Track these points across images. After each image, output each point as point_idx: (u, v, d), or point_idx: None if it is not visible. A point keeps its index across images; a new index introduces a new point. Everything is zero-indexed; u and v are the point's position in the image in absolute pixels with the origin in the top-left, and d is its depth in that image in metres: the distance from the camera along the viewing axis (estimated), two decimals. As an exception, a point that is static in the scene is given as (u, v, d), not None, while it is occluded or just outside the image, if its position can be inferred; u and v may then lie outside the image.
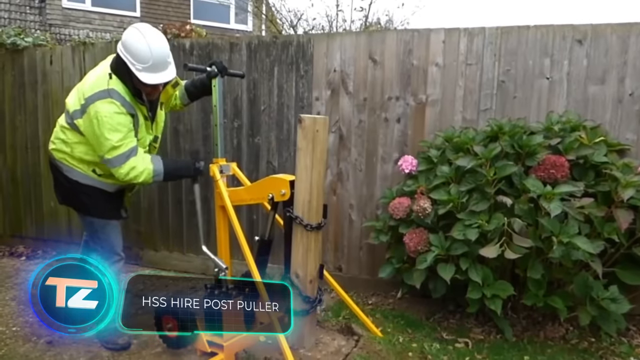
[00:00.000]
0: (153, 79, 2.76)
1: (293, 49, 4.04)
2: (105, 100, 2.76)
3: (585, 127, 3.23)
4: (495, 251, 2.81)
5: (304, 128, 2.61)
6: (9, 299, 3.90)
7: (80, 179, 3.02)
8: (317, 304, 2.77)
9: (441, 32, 3.67)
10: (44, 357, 3.01)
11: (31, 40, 4.96)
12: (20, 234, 5.21)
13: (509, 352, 3.02)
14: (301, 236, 2.71)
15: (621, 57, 3.34)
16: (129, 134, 2.80)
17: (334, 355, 2.69)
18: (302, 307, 2.74)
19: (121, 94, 2.80)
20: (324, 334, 2.96)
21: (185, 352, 3.02)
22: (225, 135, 4.21)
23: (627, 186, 2.81)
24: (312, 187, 2.66)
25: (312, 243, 2.72)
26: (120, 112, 2.76)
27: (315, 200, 2.68)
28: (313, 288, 2.76)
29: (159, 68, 2.77)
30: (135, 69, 2.73)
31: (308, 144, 2.62)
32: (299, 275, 2.74)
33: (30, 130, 4.97)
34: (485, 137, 3.33)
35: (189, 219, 4.48)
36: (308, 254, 2.71)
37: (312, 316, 2.81)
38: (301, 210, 2.68)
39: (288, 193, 2.71)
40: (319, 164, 2.66)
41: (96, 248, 3.15)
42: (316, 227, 2.69)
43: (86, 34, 10.30)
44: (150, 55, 2.71)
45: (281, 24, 12.32)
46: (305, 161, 2.64)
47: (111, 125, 2.73)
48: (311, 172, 2.64)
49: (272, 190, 2.79)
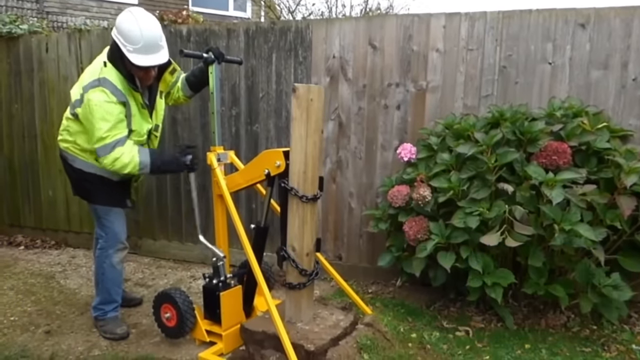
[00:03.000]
0: (144, 60, 2.77)
1: (291, 35, 3.98)
2: (97, 88, 2.79)
3: (587, 113, 3.19)
4: (496, 239, 2.78)
5: (298, 97, 2.56)
6: (7, 289, 3.88)
7: (84, 167, 3.06)
8: (313, 277, 2.75)
9: (442, 17, 3.61)
10: (42, 346, 3.00)
11: (27, 28, 4.91)
12: (18, 223, 5.19)
13: (509, 341, 3.01)
14: (297, 208, 2.66)
15: (625, 42, 3.28)
16: (118, 124, 2.81)
17: (332, 329, 2.68)
18: (298, 280, 2.72)
19: (112, 82, 2.81)
20: (323, 309, 2.95)
21: (184, 342, 3.01)
22: (223, 123, 4.17)
23: (630, 173, 2.78)
24: (307, 158, 2.61)
25: (308, 215, 2.67)
26: (109, 100, 2.78)
27: (310, 171, 2.63)
28: (310, 261, 2.74)
29: (150, 50, 2.78)
30: (126, 50, 2.75)
31: (302, 113, 2.57)
32: (295, 248, 2.71)
33: (27, 119, 4.93)
34: (486, 123, 3.29)
35: (187, 207, 4.45)
36: (304, 226, 2.67)
37: (309, 289, 2.80)
38: (296, 181, 2.63)
39: (283, 164, 2.66)
40: (314, 134, 2.61)
41: (100, 235, 3.17)
42: (312, 198, 2.64)
43: (83, 22, 10.18)
44: (141, 36, 2.73)
45: (280, 10, 12.20)
46: (299, 131, 2.58)
47: (100, 113, 2.76)
48: (306, 142, 2.59)
49: (267, 165, 2.73)
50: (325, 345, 2.54)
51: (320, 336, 2.61)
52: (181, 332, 2.92)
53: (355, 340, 2.69)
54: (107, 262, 3.13)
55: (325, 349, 2.53)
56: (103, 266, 3.14)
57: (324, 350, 2.52)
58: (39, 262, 4.57)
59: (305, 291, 2.77)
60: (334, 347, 2.57)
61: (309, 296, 2.82)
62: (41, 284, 4.02)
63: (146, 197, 4.58)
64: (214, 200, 3.07)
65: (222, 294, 2.85)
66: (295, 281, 2.72)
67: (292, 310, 2.79)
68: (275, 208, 3.00)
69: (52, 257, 4.72)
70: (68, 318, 3.40)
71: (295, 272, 2.71)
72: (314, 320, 2.81)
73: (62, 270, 4.36)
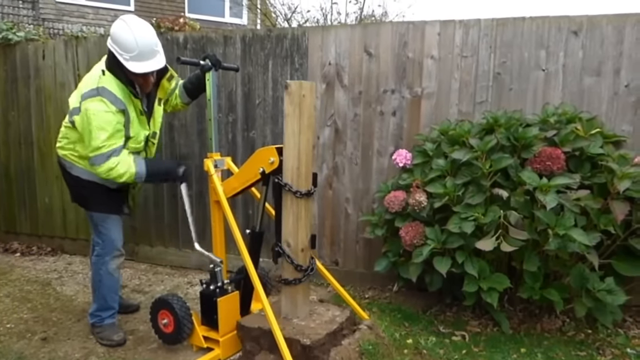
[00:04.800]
0: (141, 67, 2.79)
1: (288, 42, 4.01)
2: (95, 98, 2.80)
3: (581, 119, 3.22)
4: (491, 244, 2.80)
5: (290, 93, 2.59)
6: (3, 296, 3.87)
7: (81, 174, 3.07)
8: (309, 272, 2.77)
9: (436, 24, 3.65)
10: (39, 353, 3.00)
11: (23, 35, 4.91)
12: (14, 230, 5.18)
13: (505, 345, 3.03)
14: (291, 204, 2.69)
15: (617, 48, 3.33)
16: (116, 134, 2.82)
17: (329, 324, 2.69)
18: (294, 276, 2.75)
19: (111, 91, 2.82)
20: (319, 306, 2.96)
21: (182, 348, 3.02)
22: (220, 130, 4.19)
23: (623, 178, 2.81)
24: (300, 154, 2.64)
25: (303, 211, 2.70)
26: (108, 110, 2.79)
27: (304, 167, 2.66)
28: (305, 257, 2.76)
29: (146, 57, 2.80)
30: (123, 59, 2.78)
31: (295, 109, 2.60)
32: (290, 244, 2.73)
33: (23, 126, 4.93)
34: (481, 129, 3.32)
35: (184, 214, 4.41)
36: (298, 222, 2.70)
37: (305, 285, 2.82)
38: (290, 177, 2.66)
39: (277, 160, 2.69)
40: (307, 130, 2.64)
41: (97, 242, 3.19)
42: (306, 193, 2.67)
43: (80, 29, 10.20)
44: (136, 44, 2.75)
45: (275, 17, 12.24)
46: (292, 127, 2.62)
47: (98, 123, 2.77)
48: (299, 138, 2.62)
49: (262, 164, 2.76)
50: (322, 340, 2.55)
51: (317, 331, 2.62)
52: (178, 338, 2.92)
53: (358, 343, 2.71)
54: (104, 269, 3.13)
55: (322, 343, 2.53)
56: (100, 273, 3.14)
57: (320, 344, 2.53)
58: (35, 269, 4.56)
59: (301, 287, 2.79)
60: (337, 348, 2.58)
61: (305, 292, 2.84)
62: (37, 290, 4.02)
63: (143, 204, 4.58)
64: (211, 207, 3.08)
65: (219, 300, 2.86)
66: (291, 277, 2.75)
67: (288, 307, 2.81)
68: (270, 212, 3.01)
69: (48, 264, 4.71)
70: (65, 325, 3.39)
71: (291, 267, 2.74)
72: (310, 316, 2.83)
73: (58, 277, 4.35)
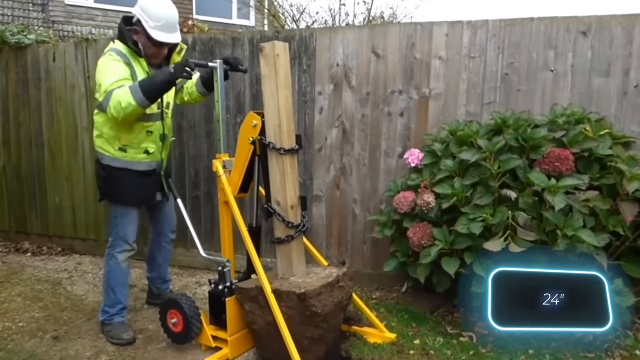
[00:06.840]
0: (163, 37, 3.03)
1: (296, 43, 4.03)
2: (105, 55, 3.05)
3: (590, 120, 3.21)
4: (499, 245, 2.80)
5: (265, 55, 2.72)
6: (15, 295, 3.92)
7: (111, 163, 3.15)
8: (301, 229, 2.82)
9: (444, 26, 3.65)
10: (50, 352, 3.03)
11: (34, 38, 4.98)
12: (25, 230, 5.24)
13: (513, 346, 3.02)
14: (276, 162, 2.76)
15: (626, 49, 3.32)
16: (124, 80, 2.95)
17: (325, 279, 2.73)
18: (286, 233, 2.79)
19: (119, 49, 3.05)
20: (317, 268, 2.99)
21: (190, 347, 3.04)
22: (228, 131, 4.21)
23: (633, 179, 2.80)
24: (280, 112, 2.74)
25: (288, 167, 2.77)
26: (115, 59, 2.99)
27: (285, 124, 2.75)
28: (295, 214, 2.81)
29: (169, 29, 3.06)
30: (148, 27, 3.00)
31: (271, 70, 2.72)
32: (280, 203, 2.79)
33: (34, 128, 4.99)
34: (489, 130, 3.31)
35: (192, 214, 4.48)
36: (285, 178, 2.76)
37: (299, 243, 2.86)
38: (273, 136, 2.76)
39: (260, 123, 2.80)
40: (284, 89, 2.74)
41: (111, 234, 3.26)
42: (289, 150, 2.76)
43: (89, 31, 10.27)
44: (165, 15, 3.02)
45: (284, 18, 12.25)
46: (270, 87, 2.73)
47: (106, 69, 2.96)
48: (277, 97, 2.72)
49: (249, 134, 2.86)
50: (317, 290, 2.58)
51: (312, 284, 2.66)
52: (187, 337, 2.94)
53: None
54: (113, 260, 3.21)
55: (317, 293, 2.57)
56: (110, 263, 3.22)
57: (316, 294, 2.57)
58: (46, 268, 4.61)
59: (295, 245, 2.83)
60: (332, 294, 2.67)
61: (299, 250, 2.88)
62: (48, 290, 4.06)
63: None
64: (219, 207, 3.10)
65: (228, 300, 2.88)
66: (283, 235, 2.81)
67: (284, 266, 2.85)
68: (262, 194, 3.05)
69: (59, 263, 4.76)
70: (75, 324, 3.43)
71: (282, 226, 2.79)
72: (308, 275, 2.86)
73: (68, 276, 4.40)
